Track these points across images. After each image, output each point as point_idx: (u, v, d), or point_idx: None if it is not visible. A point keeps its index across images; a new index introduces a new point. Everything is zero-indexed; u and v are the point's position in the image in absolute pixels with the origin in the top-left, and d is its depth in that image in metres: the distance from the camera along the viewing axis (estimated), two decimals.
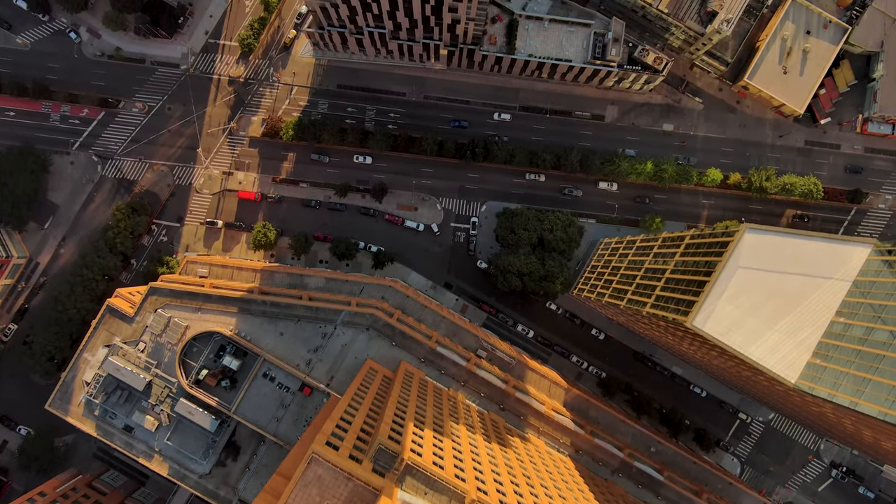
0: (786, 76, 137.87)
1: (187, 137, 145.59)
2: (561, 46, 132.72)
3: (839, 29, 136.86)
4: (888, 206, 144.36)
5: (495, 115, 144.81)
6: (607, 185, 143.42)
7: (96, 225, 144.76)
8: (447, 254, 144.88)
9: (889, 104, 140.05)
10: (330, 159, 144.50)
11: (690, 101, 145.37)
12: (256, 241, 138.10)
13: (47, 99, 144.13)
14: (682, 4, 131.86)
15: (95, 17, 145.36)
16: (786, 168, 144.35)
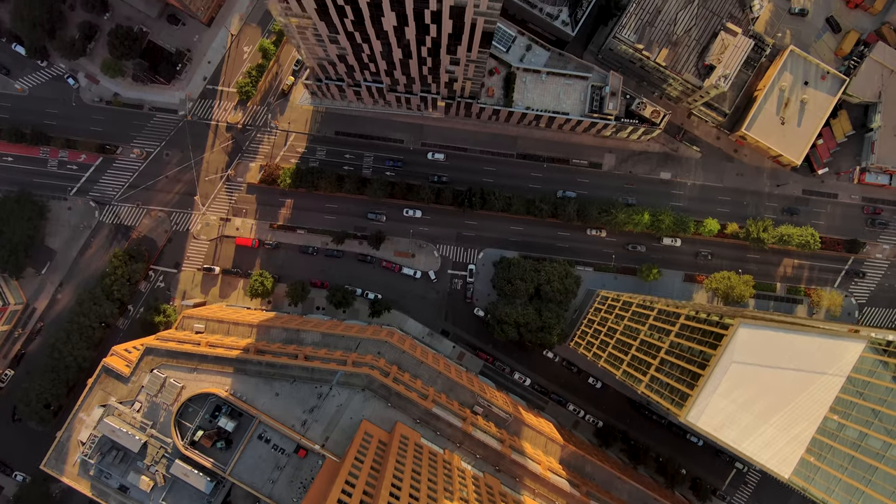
0: (783, 127, 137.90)
1: (185, 183, 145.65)
2: (558, 99, 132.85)
3: (837, 80, 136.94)
4: (885, 256, 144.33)
5: (429, 154, 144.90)
6: (671, 240, 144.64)
7: (93, 270, 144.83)
8: (444, 301, 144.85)
9: (886, 155, 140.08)
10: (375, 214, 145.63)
11: (688, 150, 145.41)
12: (253, 289, 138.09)
13: (45, 144, 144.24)
14: (679, 58, 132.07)
15: (94, 62, 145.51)
16: (783, 217, 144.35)
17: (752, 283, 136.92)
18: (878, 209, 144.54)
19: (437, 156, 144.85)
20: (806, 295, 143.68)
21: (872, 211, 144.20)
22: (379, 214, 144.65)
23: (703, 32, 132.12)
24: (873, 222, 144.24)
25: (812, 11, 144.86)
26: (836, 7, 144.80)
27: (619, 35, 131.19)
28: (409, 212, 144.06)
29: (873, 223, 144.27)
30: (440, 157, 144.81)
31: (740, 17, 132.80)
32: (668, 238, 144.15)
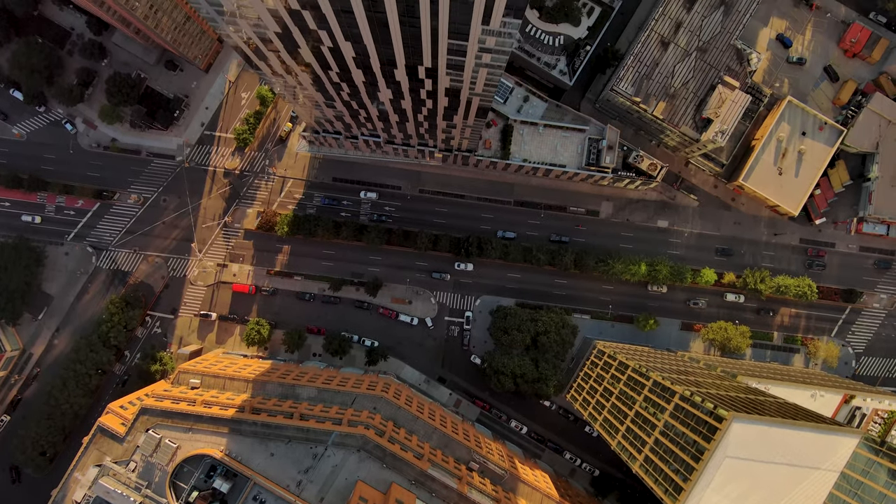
0: (781, 177, 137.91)
1: (182, 229, 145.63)
2: (556, 151, 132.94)
3: (835, 131, 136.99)
4: (882, 306, 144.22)
5: (362, 193, 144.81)
6: (734, 297, 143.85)
7: (90, 316, 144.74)
8: (441, 348, 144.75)
9: (884, 206, 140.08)
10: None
11: (685, 198, 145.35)
12: (250, 338, 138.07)
13: (42, 190, 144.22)
14: (676, 110, 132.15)
15: (92, 108, 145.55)
16: (780, 266, 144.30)
17: (748, 334, 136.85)
18: (820, 252, 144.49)
19: (369, 195, 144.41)
20: (803, 344, 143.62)
21: (815, 254, 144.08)
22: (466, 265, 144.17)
23: (701, 85, 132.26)
24: (811, 264, 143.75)
25: (810, 60, 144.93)
26: (834, 56, 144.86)
27: (616, 88, 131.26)
28: (460, 265, 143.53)
29: (811, 265, 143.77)
30: (372, 195, 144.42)
31: (738, 70, 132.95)
32: (731, 294, 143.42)
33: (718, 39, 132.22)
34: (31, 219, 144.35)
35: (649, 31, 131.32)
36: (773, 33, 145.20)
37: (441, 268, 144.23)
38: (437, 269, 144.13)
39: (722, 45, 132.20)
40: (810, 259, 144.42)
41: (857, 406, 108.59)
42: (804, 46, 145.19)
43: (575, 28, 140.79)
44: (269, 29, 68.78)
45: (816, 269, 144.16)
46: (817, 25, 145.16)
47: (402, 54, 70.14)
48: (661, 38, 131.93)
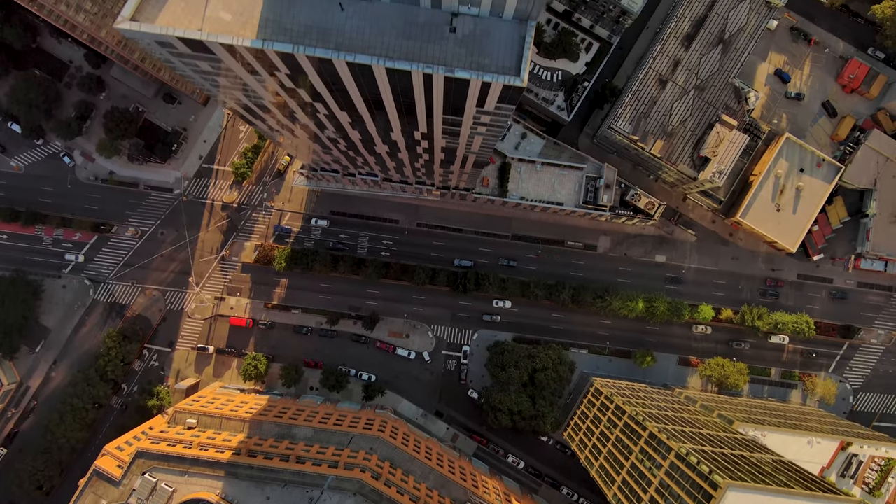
0: (779, 213, 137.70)
1: (180, 262, 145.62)
2: (553, 189, 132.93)
3: (832, 168, 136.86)
4: (880, 342, 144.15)
5: (312, 220, 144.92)
6: (779, 339, 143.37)
7: (88, 348, 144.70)
8: (438, 382, 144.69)
9: (881, 243, 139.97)
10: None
11: (683, 233, 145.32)
12: (246, 373, 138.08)
13: (40, 223, 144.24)
14: (674, 149, 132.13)
15: (90, 141, 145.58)
16: (778, 301, 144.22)
17: (745, 372, 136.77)
18: (779, 282, 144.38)
19: (319, 222, 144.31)
20: (800, 380, 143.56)
21: (774, 284, 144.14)
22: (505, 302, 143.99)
23: (699, 123, 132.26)
24: (764, 293, 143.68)
25: (808, 96, 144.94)
26: (833, 91, 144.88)
27: (614, 125, 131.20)
28: (498, 303, 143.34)
29: (764, 294, 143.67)
30: (323, 223, 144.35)
31: (736, 109, 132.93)
32: (776, 336, 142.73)
33: (716, 77, 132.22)
34: (75, 257, 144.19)
35: (647, 69, 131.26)
36: (771, 68, 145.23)
37: (488, 309, 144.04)
38: (487, 311, 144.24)
39: (720, 84, 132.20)
40: (766, 288, 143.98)
41: (854, 453, 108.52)
42: (802, 81, 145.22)
43: (573, 64, 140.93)
44: (265, 99, 68.80)
45: (770, 297, 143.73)
46: (816, 61, 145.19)
47: (398, 124, 70.15)
48: (658, 76, 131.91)
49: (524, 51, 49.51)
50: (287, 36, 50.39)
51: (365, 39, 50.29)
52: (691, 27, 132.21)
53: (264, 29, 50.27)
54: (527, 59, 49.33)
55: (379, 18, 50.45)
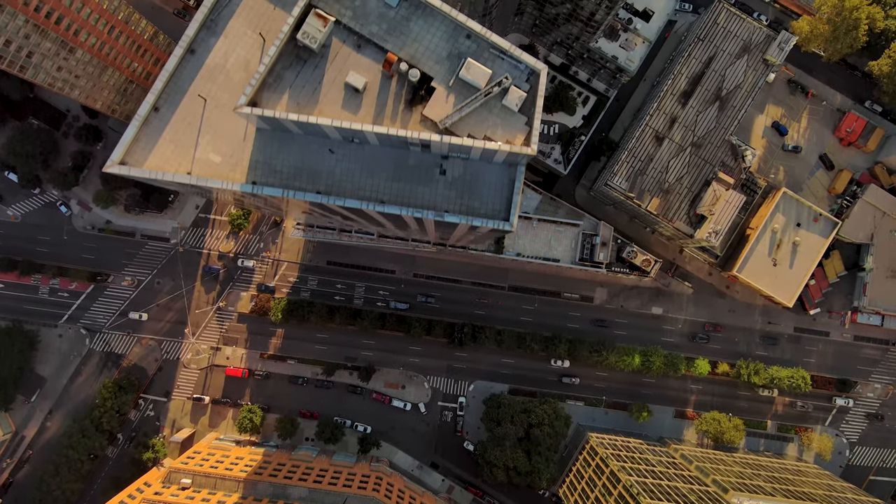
0: (775, 268, 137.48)
1: (176, 312, 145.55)
2: (549, 245, 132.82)
3: (829, 222, 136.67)
4: (877, 396, 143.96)
5: (239, 261, 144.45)
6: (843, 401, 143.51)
7: (84, 398, 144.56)
8: (434, 433, 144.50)
9: (878, 297, 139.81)
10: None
11: (680, 286, 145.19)
12: (242, 426, 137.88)
13: (36, 272, 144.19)
14: (671, 206, 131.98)
15: (87, 190, 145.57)
16: (774, 354, 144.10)
17: (742, 428, 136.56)
18: (718, 327, 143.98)
19: (246, 262, 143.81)
20: (797, 433, 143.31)
21: (713, 328, 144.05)
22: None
23: (696, 181, 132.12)
24: (694, 337, 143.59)
25: (805, 148, 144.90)
26: (830, 144, 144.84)
27: (610, 182, 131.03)
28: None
29: (694, 338, 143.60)
30: (249, 263, 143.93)
31: (732, 166, 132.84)
32: (841, 399, 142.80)
33: (713, 135, 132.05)
34: (139, 316, 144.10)
35: (644, 126, 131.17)
36: (768, 121, 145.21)
37: (569, 371, 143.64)
38: (567, 374, 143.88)
39: (717, 141, 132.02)
40: (703, 333, 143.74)
41: None
42: (800, 134, 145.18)
43: (570, 117, 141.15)
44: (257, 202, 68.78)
45: (700, 342, 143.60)
46: (813, 113, 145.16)
47: (392, 228, 70.15)
48: (655, 134, 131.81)
49: (514, 195, 49.49)
50: (277, 177, 50.42)
51: (355, 182, 50.31)
52: (688, 84, 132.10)
53: (254, 171, 50.29)
54: (516, 204, 49.31)
55: (369, 161, 50.47)
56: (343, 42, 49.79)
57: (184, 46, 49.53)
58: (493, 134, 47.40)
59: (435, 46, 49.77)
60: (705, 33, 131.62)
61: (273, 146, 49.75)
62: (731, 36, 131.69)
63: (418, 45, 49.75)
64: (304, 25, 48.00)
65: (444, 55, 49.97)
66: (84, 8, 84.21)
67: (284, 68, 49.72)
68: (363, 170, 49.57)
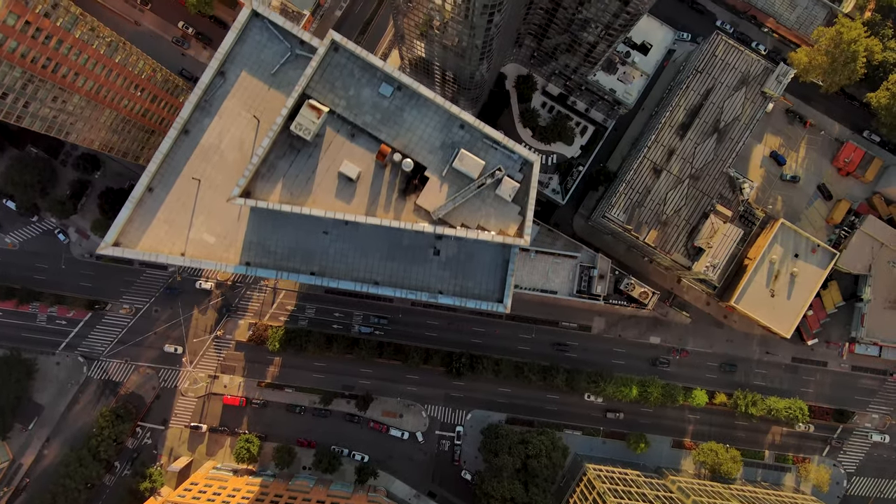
0: (773, 299, 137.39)
1: (173, 340, 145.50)
2: (547, 277, 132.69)
3: (827, 253, 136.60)
4: (874, 426, 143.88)
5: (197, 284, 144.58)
6: (880, 437, 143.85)
7: (81, 426, 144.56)
8: (432, 462, 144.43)
9: (876, 328, 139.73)
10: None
11: (678, 315, 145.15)
12: (239, 455, 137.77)
13: (35, 300, 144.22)
14: (668, 238, 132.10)
15: (85, 218, 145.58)
16: (772, 384, 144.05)
17: (739, 459, 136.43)
18: (683, 352, 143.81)
19: (205, 284, 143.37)
20: (794, 463, 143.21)
21: (680, 351, 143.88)
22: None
23: (693, 213, 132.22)
24: (655, 362, 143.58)
25: (804, 178, 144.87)
26: (828, 174, 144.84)
27: (608, 214, 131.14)
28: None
29: (654, 363, 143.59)
30: (208, 286, 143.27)
31: (730, 198, 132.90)
32: (877, 434, 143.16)
33: (711, 167, 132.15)
34: (174, 349, 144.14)
35: (642, 158, 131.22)
36: (766, 150, 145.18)
37: (616, 407, 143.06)
38: (612, 409, 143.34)
39: (715, 173, 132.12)
40: (663, 357, 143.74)
41: None
42: (798, 164, 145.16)
43: (568, 147, 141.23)
44: None
45: (661, 366, 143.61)
46: (811, 143, 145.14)
47: None
48: (653, 166, 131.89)
49: (508, 277, 49.53)
50: (271, 258, 50.47)
51: (349, 262, 50.34)
52: (686, 116, 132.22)
53: (248, 251, 50.31)
54: (510, 286, 49.40)
55: (363, 241, 50.49)
56: (337, 131, 49.89)
57: (178, 128, 49.62)
58: (487, 223, 47.41)
59: (428, 136, 49.92)
60: (703, 65, 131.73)
61: (267, 227, 49.83)
62: (729, 68, 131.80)
63: (412, 135, 49.93)
64: (297, 117, 48.05)
65: (437, 145, 50.07)
66: (82, 55, 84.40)
67: (278, 157, 49.86)
68: (357, 250, 49.65)
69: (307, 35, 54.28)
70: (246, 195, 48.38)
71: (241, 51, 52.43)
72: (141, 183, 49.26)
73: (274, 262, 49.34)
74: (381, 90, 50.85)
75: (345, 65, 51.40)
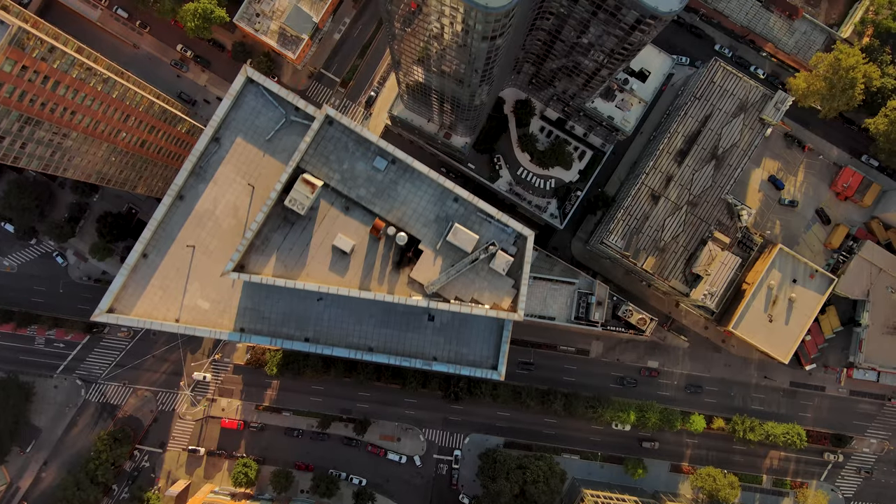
0: (771, 324, 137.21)
1: (172, 363, 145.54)
2: (545, 303, 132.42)
3: (825, 279, 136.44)
4: (872, 451, 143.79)
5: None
6: None
7: (79, 448, 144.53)
8: (429, 486, 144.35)
9: (874, 354, 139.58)
10: None
11: (675, 339, 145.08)
12: (237, 480, 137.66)
13: (33, 323, 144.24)
14: (666, 264, 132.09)
15: (83, 241, 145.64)
16: (770, 409, 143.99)
17: (737, 485, 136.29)
18: (653, 372, 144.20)
19: None
20: (792, 488, 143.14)
21: (648, 373, 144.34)
22: None
23: (691, 239, 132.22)
24: (622, 381, 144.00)
25: (802, 202, 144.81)
26: (826, 199, 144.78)
27: (606, 241, 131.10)
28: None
29: (622, 382, 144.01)
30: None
31: (728, 225, 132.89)
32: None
33: (709, 193, 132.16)
34: (203, 377, 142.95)
35: (640, 184, 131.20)
36: (765, 175, 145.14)
37: (646, 436, 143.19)
38: (645, 438, 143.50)
39: (713, 199, 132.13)
40: (631, 378, 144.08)
41: None
42: (796, 188, 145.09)
43: (566, 172, 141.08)
44: None
45: (628, 386, 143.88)
46: (810, 167, 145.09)
47: None
48: (651, 192, 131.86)
49: (502, 344, 49.50)
50: (265, 324, 50.49)
51: (343, 328, 50.38)
52: (684, 143, 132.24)
53: (242, 317, 50.33)
54: (505, 353, 49.34)
55: (357, 307, 50.47)
56: (331, 204, 49.96)
57: (172, 195, 49.72)
58: (481, 296, 47.55)
59: (423, 209, 49.99)
60: (702, 92, 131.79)
61: (261, 292, 49.89)
62: (727, 94, 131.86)
63: (406, 208, 49.97)
64: (292, 192, 48.12)
65: (431, 218, 50.18)
66: (79, 93, 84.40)
67: (272, 230, 49.96)
68: (351, 315, 49.70)
69: (302, 102, 54.35)
70: (240, 269, 48.36)
71: (236, 116, 52.58)
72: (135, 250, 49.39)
73: (268, 328, 49.33)
74: (376, 164, 50.88)
75: (339, 138, 51.47)
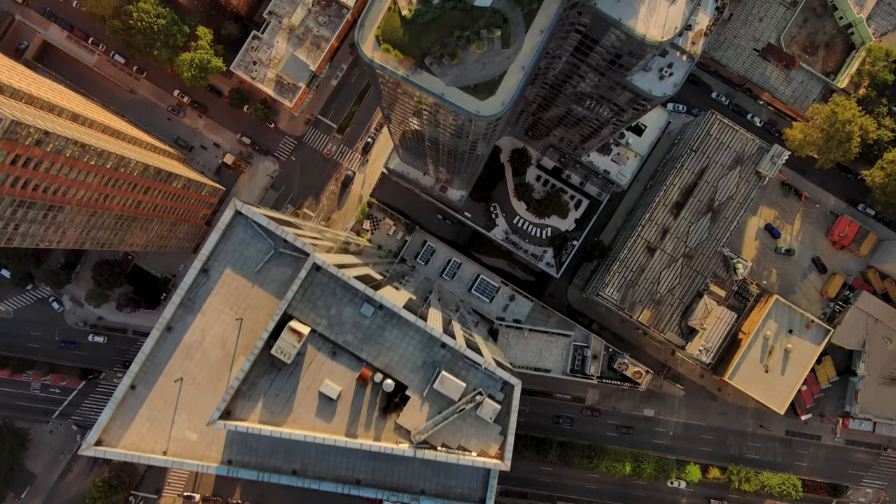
0: (767, 374, 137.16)
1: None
2: (540, 356, 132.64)
3: (821, 329, 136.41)
4: (868, 500, 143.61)
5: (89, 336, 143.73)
6: None
7: (73, 495, 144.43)
8: None
9: (870, 404, 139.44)
10: None
11: (671, 387, 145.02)
12: None
13: (28, 368, 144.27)
14: (662, 317, 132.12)
15: (79, 286, 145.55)
16: (766, 457, 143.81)
17: None
18: (595, 412, 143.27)
19: (96, 338, 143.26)
20: None
21: (591, 413, 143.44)
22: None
23: (687, 292, 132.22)
24: (558, 419, 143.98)
25: (798, 251, 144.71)
26: (823, 247, 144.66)
27: (602, 293, 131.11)
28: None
29: (558, 420, 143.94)
30: (99, 339, 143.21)
31: (724, 277, 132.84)
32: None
33: (705, 246, 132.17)
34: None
35: (636, 236, 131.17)
36: (761, 223, 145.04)
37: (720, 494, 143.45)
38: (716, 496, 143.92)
39: (709, 252, 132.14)
40: (565, 417, 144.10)
41: None
42: (793, 237, 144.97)
43: (563, 220, 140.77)
44: None
45: (564, 424, 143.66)
46: (806, 216, 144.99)
47: None
48: (647, 244, 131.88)
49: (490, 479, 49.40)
50: (252, 455, 50.50)
51: (331, 459, 50.44)
52: (680, 195, 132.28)
53: (230, 449, 50.34)
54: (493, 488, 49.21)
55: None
56: (318, 349, 50.26)
57: (160, 328, 49.80)
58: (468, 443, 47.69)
59: (410, 356, 50.23)
60: (698, 144, 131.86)
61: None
62: (723, 147, 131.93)
63: (393, 354, 50.22)
64: (278, 340, 48.46)
65: (418, 364, 50.41)
66: (72, 171, 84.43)
67: (259, 376, 50.16)
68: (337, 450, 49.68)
69: (291, 236, 54.43)
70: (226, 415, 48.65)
71: (224, 248, 52.86)
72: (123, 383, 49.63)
73: (256, 459, 49.43)
74: (363, 310, 51.12)
75: (326, 283, 51.70)
